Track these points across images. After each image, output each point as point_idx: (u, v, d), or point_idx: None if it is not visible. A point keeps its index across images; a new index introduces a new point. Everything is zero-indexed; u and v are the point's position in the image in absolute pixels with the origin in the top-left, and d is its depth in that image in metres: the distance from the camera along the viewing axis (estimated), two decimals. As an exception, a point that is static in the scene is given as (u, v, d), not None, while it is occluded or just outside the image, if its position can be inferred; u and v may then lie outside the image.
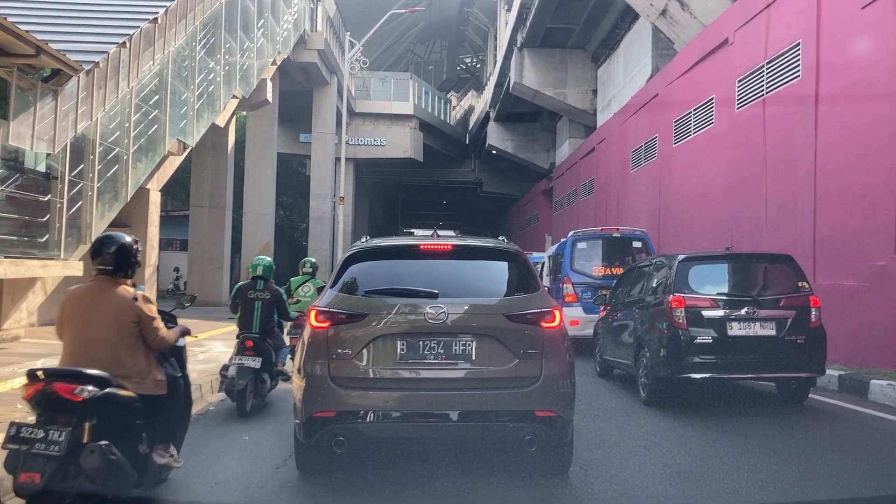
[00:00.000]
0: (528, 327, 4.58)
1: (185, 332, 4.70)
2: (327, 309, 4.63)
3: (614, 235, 13.41)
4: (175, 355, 4.70)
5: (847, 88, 9.89)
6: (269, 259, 7.86)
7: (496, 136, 37.57)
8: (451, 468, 5.09)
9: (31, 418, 3.75)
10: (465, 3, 48.30)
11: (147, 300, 4.26)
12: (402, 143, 39.49)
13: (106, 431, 3.77)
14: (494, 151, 38.82)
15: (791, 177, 11.12)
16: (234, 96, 19.52)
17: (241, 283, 7.99)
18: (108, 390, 3.85)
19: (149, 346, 4.23)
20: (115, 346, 4.06)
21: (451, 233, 58.55)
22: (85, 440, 3.67)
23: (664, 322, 7.64)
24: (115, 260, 4.20)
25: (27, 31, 9.48)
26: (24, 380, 3.64)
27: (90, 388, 3.75)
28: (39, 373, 3.75)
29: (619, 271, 11.74)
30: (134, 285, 4.31)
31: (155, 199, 16.47)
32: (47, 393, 3.70)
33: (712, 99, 14.40)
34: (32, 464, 3.53)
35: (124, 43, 12.39)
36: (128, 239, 4.29)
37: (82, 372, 3.83)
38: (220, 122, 19.49)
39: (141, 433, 4.15)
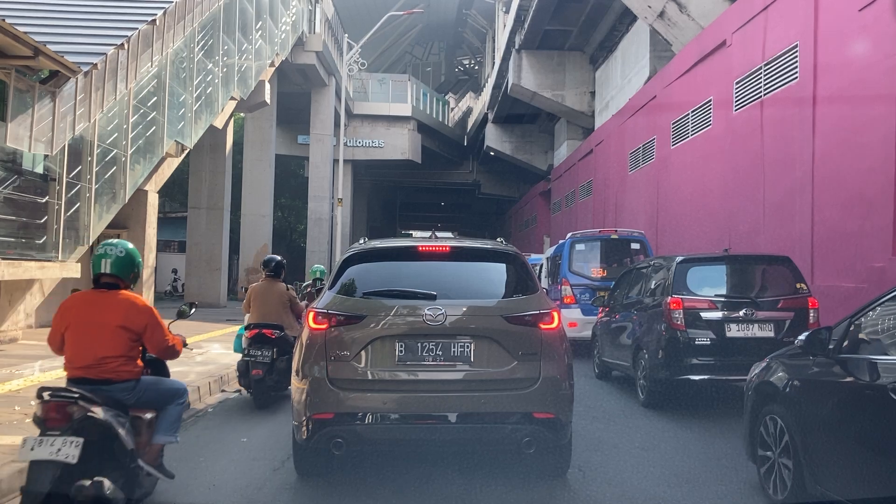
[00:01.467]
0: (527, 329, 4.58)
1: (307, 306, 8.05)
2: (325, 311, 4.63)
3: (612, 237, 13.41)
4: (300, 318, 8.00)
5: (844, 90, 9.90)
6: (323, 266, 11.39)
7: (494, 138, 37.58)
8: (449, 470, 5.09)
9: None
10: (463, 4, 48.32)
11: (292, 290, 8.21)
12: (400, 145, 39.49)
13: (282, 354, 7.56)
14: (492, 153, 38.83)
15: (789, 178, 11.13)
16: (233, 98, 19.52)
17: (306, 283, 11.47)
18: (282, 333, 7.76)
19: (293, 313, 8.02)
20: (279, 312, 7.85)
21: (450, 234, 58.58)
22: (274, 357, 7.57)
23: (662, 324, 7.64)
24: (274, 269, 8.05)
25: (25, 33, 9.47)
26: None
27: (277, 331, 7.71)
28: (251, 324, 7.76)
29: (617, 273, 11.74)
30: (284, 282, 8.15)
31: (153, 200, 16.46)
32: (259, 334, 7.65)
33: (710, 101, 14.41)
34: (256, 366, 7.47)
35: (122, 45, 12.39)
36: (279, 258, 8.25)
37: (272, 324, 7.74)
38: (219, 123, 19.49)
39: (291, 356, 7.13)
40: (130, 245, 4.18)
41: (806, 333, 4.26)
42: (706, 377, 7.38)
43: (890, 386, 3.41)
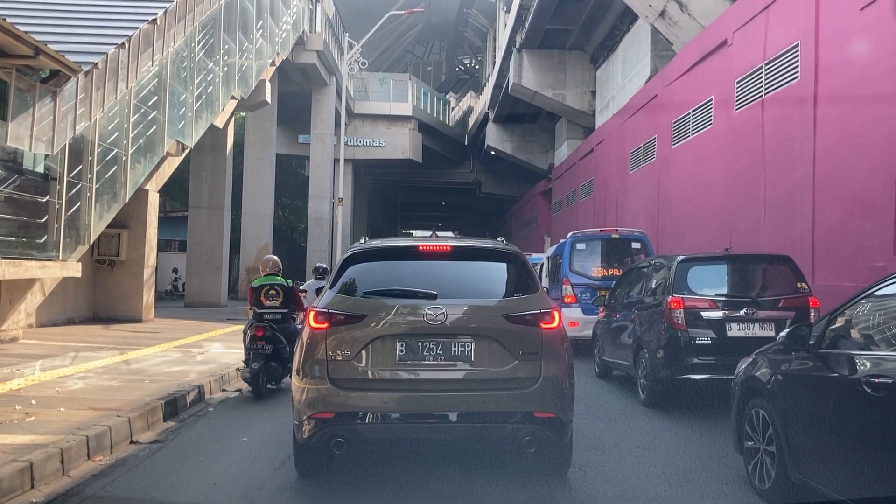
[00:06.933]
0: (527, 328, 4.58)
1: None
2: (326, 310, 4.62)
3: (613, 236, 13.39)
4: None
5: (845, 89, 9.89)
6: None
7: (495, 137, 37.56)
8: (450, 469, 5.09)
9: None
10: (464, 4, 48.32)
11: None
12: (400, 144, 39.47)
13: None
14: (493, 152, 38.81)
15: (789, 178, 11.13)
16: (233, 97, 19.51)
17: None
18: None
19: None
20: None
21: (450, 234, 58.52)
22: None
23: (663, 323, 7.64)
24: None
25: (26, 32, 9.47)
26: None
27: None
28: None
29: (618, 272, 11.75)
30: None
31: (153, 199, 16.45)
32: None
33: (711, 100, 14.41)
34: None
35: (123, 44, 12.38)
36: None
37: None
38: (219, 123, 19.48)
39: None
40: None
41: (787, 330, 4.52)
42: (707, 376, 7.36)
43: (863, 379, 3.57)
